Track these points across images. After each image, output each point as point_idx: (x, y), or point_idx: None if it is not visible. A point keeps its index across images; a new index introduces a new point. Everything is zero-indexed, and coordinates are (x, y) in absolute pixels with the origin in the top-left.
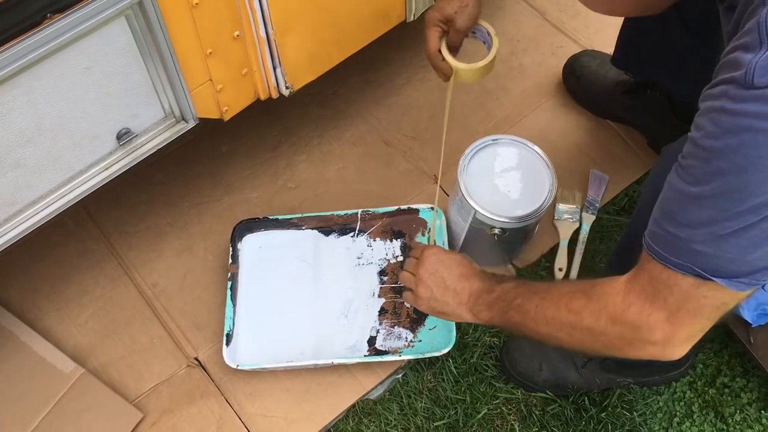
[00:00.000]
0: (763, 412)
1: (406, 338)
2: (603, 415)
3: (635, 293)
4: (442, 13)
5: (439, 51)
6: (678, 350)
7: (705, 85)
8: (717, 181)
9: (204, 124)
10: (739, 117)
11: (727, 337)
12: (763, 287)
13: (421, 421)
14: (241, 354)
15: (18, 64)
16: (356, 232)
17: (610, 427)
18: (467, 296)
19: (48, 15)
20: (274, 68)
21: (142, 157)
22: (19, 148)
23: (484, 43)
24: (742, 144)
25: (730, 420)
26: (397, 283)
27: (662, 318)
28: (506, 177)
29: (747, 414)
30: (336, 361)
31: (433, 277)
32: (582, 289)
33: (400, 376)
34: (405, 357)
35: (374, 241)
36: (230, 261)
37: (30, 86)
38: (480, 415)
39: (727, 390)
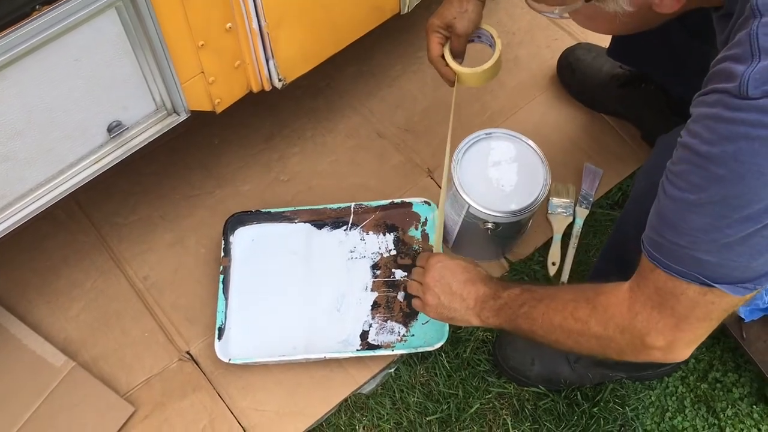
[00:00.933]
0: (754, 407)
1: (399, 333)
2: (595, 409)
3: (641, 303)
4: (442, 19)
5: (443, 57)
6: (686, 352)
7: (701, 79)
8: (715, 187)
9: (196, 115)
10: (736, 125)
11: (719, 332)
12: None
13: (413, 415)
14: (233, 348)
15: (6, 56)
16: (349, 225)
17: (602, 421)
18: (473, 301)
19: (37, 6)
20: (267, 61)
21: (134, 150)
22: (8, 141)
23: (491, 46)
24: (739, 151)
25: (722, 415)
26: (390, 277)
27: (671, 325)
28: (500, 171)
29: (739, 409)
30: (328, 356)
31: (439, 284)
32: (585, 298)
33: (392, 370)
34: (398, 351)
35: (367, 234)
36: (222, 254)
37: (18, 78)
38: (472, 410)
39: (719, 385)
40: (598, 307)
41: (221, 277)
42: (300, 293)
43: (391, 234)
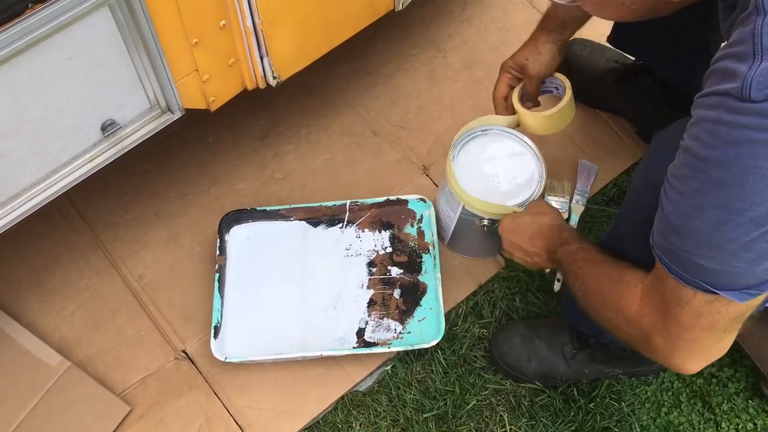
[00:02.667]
0: (750, 401)
1: (395, 330)
2: (591, 405)
3: (649, 307)
4: (515, 60)
5: (505, 99)
6: (692, 366)
7: (704, 68)
8: (716, 192)
9: (190, 113)
10: (738, 129)
11: None
12: None
13: (410, 412)
14: (229, 346)
15: None
16: (345, 223)
17: (598, 417)
18: (544, 252)
19: (29, 4)
20: (261, 58)
21: (128, 149)
22: (1, 141)
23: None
24: (741, 155)
25: (718, 410)
26: (385, 275)
27: (674, 334)
28: (496, 167)
29: (734, 403)
30: (324, 353)
31: (511, 245)
32: (609, 279)
33: (389, 367)
34: (394, 349)
35: (363, 232)
36: (218, 252)
37: (11, 78)
38: (469, 407)
39: (714, 380)
40: (613, 295)
41: (217, 275)
42: (296, 291)
43: (387, 231)
